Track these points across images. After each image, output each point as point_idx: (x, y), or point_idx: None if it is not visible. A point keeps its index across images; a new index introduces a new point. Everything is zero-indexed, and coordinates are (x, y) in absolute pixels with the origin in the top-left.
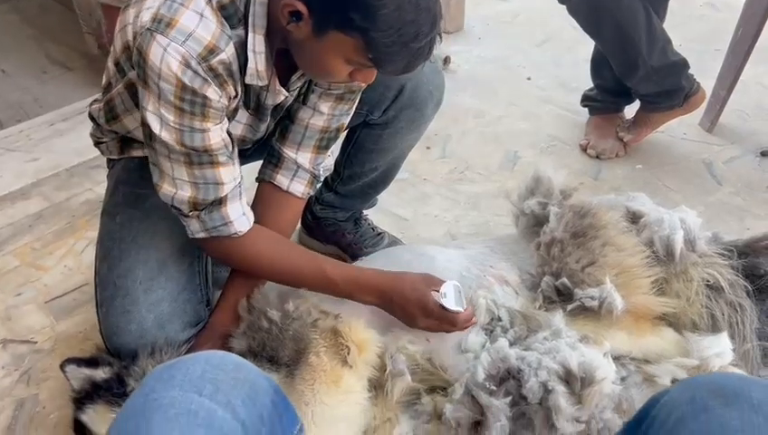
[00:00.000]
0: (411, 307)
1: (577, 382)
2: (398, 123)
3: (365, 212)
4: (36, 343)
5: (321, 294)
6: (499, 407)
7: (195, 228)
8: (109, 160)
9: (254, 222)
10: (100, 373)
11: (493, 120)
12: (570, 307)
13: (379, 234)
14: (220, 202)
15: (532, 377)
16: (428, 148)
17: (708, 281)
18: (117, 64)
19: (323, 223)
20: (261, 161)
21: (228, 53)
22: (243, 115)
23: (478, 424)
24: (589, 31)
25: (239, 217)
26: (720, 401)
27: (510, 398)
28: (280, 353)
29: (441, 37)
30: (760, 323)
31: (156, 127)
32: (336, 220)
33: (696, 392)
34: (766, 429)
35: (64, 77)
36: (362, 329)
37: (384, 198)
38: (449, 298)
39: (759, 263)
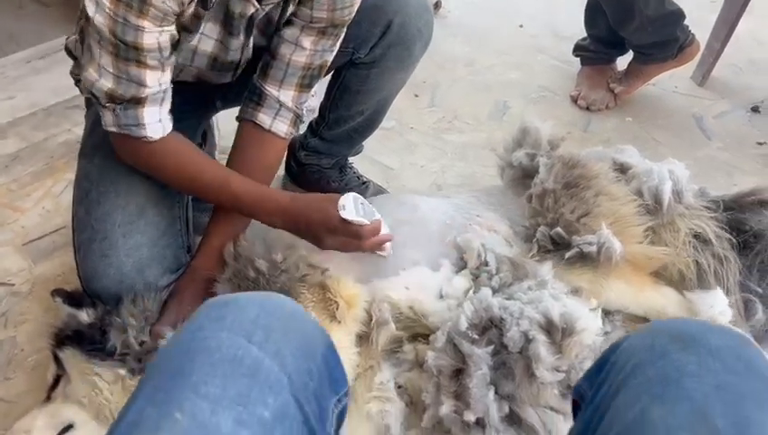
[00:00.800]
0: (316, 227)
1: (558, 332)
2: (385, 62)
3: (350, 160)
4: (14, 285)
5: (310, 244)
6: (480, 356)
7: (108, 121)
8: (87, 100)
9: (234, 161)
10: (84, 316)
11: (483, 68)
12: (568, 254)
13: (365, 183)
14: (138, 102)
15: (514, 326)
16: (416, 96)
17: (695, 232)
18: None
19: (308, 170)
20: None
21: None
22: (213, 30)
23: (459, 372)
24: None
25: (154, 122)
26: (678, 346)
27: (491, 347)
28: None
29: None
30: (742, 277)
31: (91, 9)
32: (321, 167)
33: (655, 338)
34: (723, 373)
35: (41, 13)
36: (350, 285)
37: (370, 146)
38: (348, 209)
39: (744, 218)
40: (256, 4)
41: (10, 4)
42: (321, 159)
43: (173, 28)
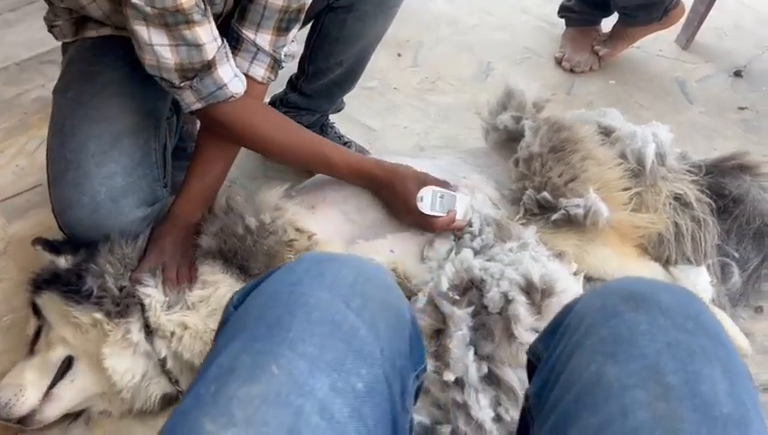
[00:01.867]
0: (398, 202)
1: (537, 293)
2: (363, 5)
3: (332, 120)
4: None
5: (299, 206)
6: (461, 316)
7: (190, 100)
8: (63, 46)
9: None
10: (62, 261)
11: (467, 28)
12: (554, 216)
13: (346, 143)
14: (209, 66)
15: (494, 287)
16: (399, 55)
17: (676, 194)
18: None
19: None
20: None
21: None
22: None
23: (439, 332)
24: None
25: (232, 78)
26: (630, 305)
27: (472, 308)
28: (251, 264)
29: None
30: (720, 241)
31: None
32: (302, 125)
33: (607, 299)
34: (674, 331)
35: None
36: (337, 249)
37: (352, 106)
38: (425, 203)
39: (724, 183)
40: None
41: None
42: (302, 117)
43: None
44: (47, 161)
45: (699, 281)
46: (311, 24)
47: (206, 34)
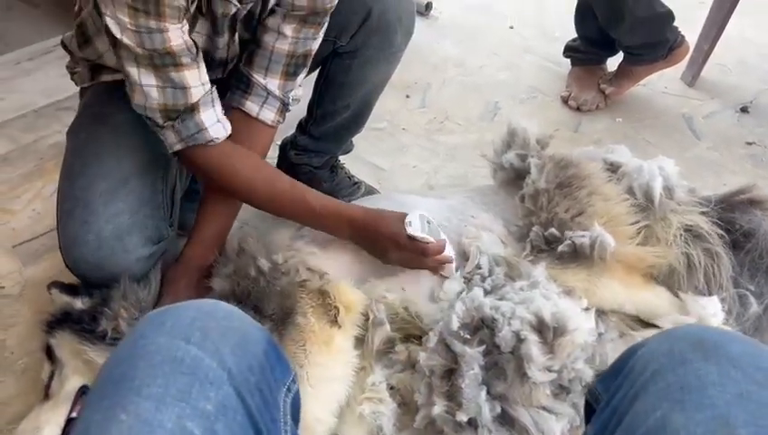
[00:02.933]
0: (383, 241)
1: (549, 332)
2: (366, 51)
3: (341, 160)
4: (3, 288)
5: (310, 246)
6: (472, 355)
7: (171, 140)
8: (81, 91)
9: None
10: (78, 303)
11: (474, 69)
12: (560, 247)
13: (356, 183)
14: (192, 109)
15: (506, 326)
16: (408, 96)
17: (687, 225)
18: None
19: (299, 170)
20: None
21: None
22: (202, 26)
23: (451, 372)
24: None
25: (214, 123)
26: (699, 355)
27: (483, 347)
28: (265, 306)
29: None
30: (734, 273)
31: (116, 31)
32: (311, 167)
33: (675, 345)
34: (744, 383)
35: (30, 14)
36: (350, 290)
37: (362, 147)
38: (415, 226)
39: (734, 217)
40: (237, 3)
41: None
42: (312, 158)
43: (186, 25)
44: (57, 200)
45: (709, 305)
46: (318, 69)
47: (194, 78)
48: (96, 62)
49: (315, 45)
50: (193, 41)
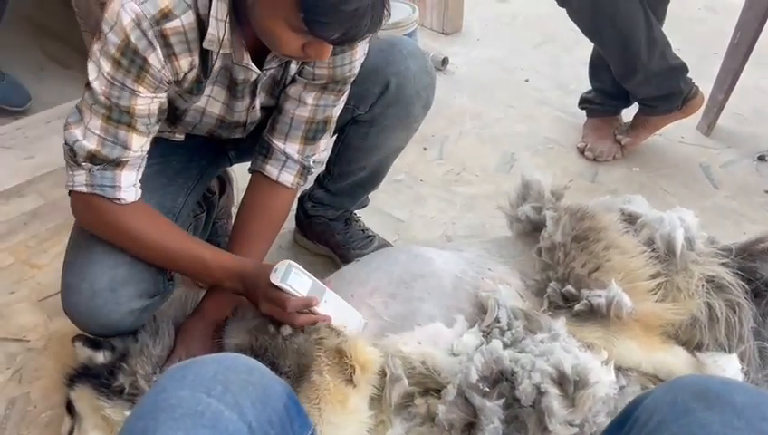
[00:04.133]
0: (257, 288)
1: (570, 385)
2: (384, 121)
3: (357, 214)
4: (29, 341)
5: None
6: (492, 409)
7: (79, 180)
8: None
9: (242, 209)
10: (100, 357)
11: (490, 121)
12: (577, 307)
13: (369, 236)
14: (117, 164)
15: (526, 379)
16: (425, 149)
17: (709, 276)
18: None
19: (314, 221)
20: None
21: (185, 21)
22: (220, 93)
23: (471, 426)
24: (588, 33)
25: (129, 186)
26: (702, 405)
27: (503, 400)
28: (281, 363)
29: (388, 11)
30: (756, 324)
31: (93, 74)
32: (326, 219)
33: (679, 394)
34: (748, 432)
35: (62, 74)
36: (366, 349)
37: (380, 199)
38: (278, 274)
39: (755, 266)
40: (257, 70)
41: (32, 65)
42: (327, 211)
43: (164, 97)
44: (65, 250)
45: (729, 368)
46: (338, 131)
47: (138, 143)
48: None
49: (336, 112)
50: (159, 112)
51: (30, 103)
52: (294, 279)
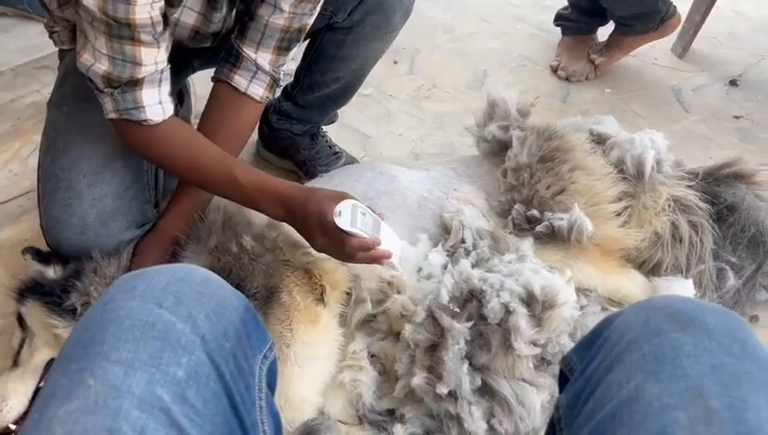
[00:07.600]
0: (310, 223)
1: (538, 305)
2: (362, 28)
3: (324, 129)
4: None
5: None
6: (460, 330)
7: (108, 107)
8: (60, 52)
9: (206, 122)
10: (50, 272)
11: (463, 36)
12: (538, 228)
13: (336, 153)
14: (135, 84)
15: (494, 298)
16: (395, 62)
17: (676, 196)
18: None
19: (279, 135)
20: None
21: None
22: (196, 3)
23: (435, 346)
24: None
25: (154, 104)
26: (674, 325)
27: (471, 323)
28: (247, 284)
29: None
30: (716, 246)
31: None
32: (292, 133)
33: (651, 315)
34: (719, 353)
35: None
36: (335, 268)
37: (348, 113)
38: (344, 217)
39: (719, 191)
40: None
41: None
42: (293, 125)
43: (161, 3)
44: (38, 175)
45: (684, 292)
46: (309, 37)
47: (149, 57)
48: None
49: (311, 20)
50: (164, 16)
51: None
52: (362, 222)
